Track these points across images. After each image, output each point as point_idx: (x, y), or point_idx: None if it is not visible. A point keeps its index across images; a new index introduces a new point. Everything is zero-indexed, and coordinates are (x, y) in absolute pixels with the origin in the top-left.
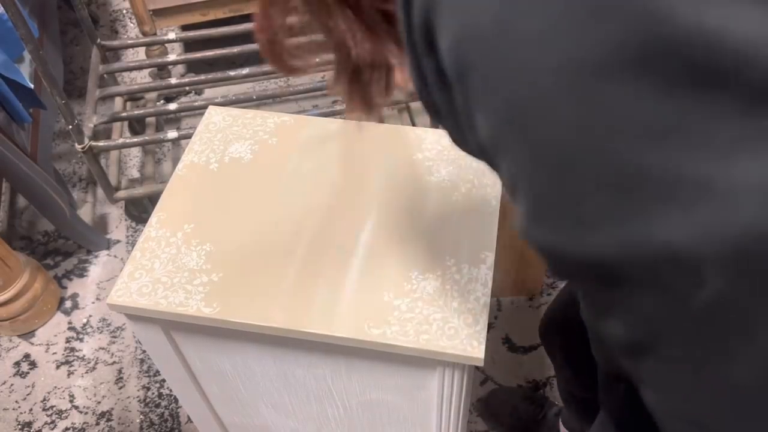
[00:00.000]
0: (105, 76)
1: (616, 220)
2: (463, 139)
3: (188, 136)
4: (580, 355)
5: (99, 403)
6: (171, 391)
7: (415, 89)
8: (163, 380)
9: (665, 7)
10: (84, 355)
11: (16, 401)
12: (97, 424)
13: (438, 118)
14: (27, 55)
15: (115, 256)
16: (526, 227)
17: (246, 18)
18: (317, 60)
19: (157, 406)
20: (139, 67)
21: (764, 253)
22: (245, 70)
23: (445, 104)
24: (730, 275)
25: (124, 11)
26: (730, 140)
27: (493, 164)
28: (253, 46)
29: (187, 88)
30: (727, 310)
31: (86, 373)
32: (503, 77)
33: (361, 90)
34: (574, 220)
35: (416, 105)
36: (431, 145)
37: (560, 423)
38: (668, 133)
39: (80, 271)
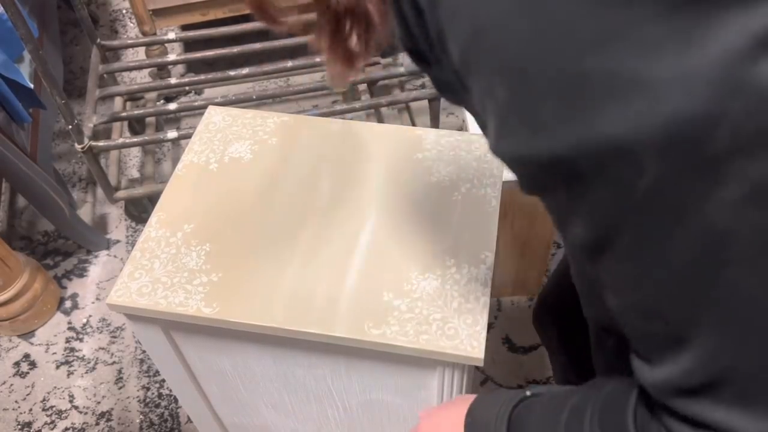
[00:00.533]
0: (105, 76)
1: (567, 120)
2: (442, 76)
3: (188, 136)
4: (574, 337)
5: (99, 403)
6: (171, 391)
7: (398, 35)
8: (163, 380)
9: None
10: (84, 355)
11: (16, 401)
12: (97, 424)
13: (421, 64)
14: (27, 55)
15: (115, 256)
16: (494, 142)
17: (246, 18)
18: (302, 18)
19: (157, 406)
20: (139, 67)
21: (688, 137)
22: (245, 70)
23: (423, 39)
24: (662, 160)
25: (124, 11)
26: (656, 40)
27: (465, 88)
28: (253, 46)
29: (186, 88)
30: (663, 194)
31: (86, 373)
32: (466, 4)
33: (342, 44)
34: (533, 126)
35: (416, 105)
36: (431, 145)
37: None
38: (605, 39)
39: (80, 271)
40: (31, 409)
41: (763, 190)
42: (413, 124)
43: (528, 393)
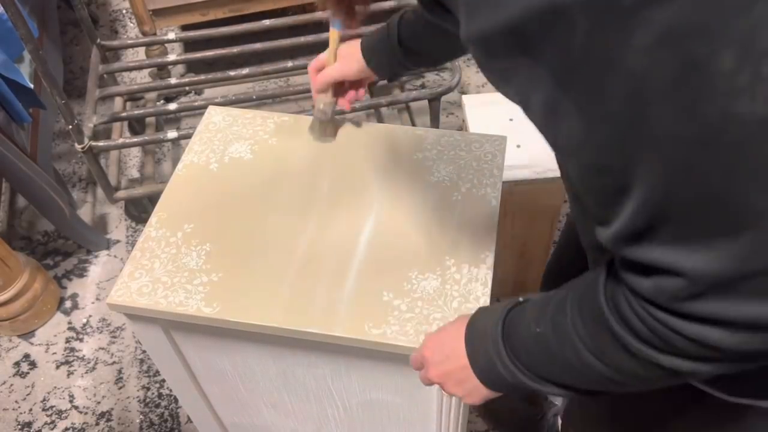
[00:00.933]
0: (105, 76)
1: None
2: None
3: (188, 136)
4: None
5: (99, 403)
6: (171, 391)
7: None
8: (163, 380)
9: None
10: (84, 355)
11: (16, 401)
12: (97, 424)
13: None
14: (27, 55)
15: (115, 256)
16: (465, 28)
17: (246, 18)
18: None
19: (157, 406)
20: (139, 67)
21: None
22: (245, 70)
23: None
24: (587, 15)
25: (124, 11)
26: None
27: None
28: (253, 46)
29: (186, 88)
30: (593, 46)
31: (86, 373)
32: None
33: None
34: (491, 3)
35: (416, 105)
36: (431, 145)
37: (559, 422)
38: None
39: (80, 271)
40: (31, 409)
41: (670, 33)
42: (413, 124)
43: (520, 299)
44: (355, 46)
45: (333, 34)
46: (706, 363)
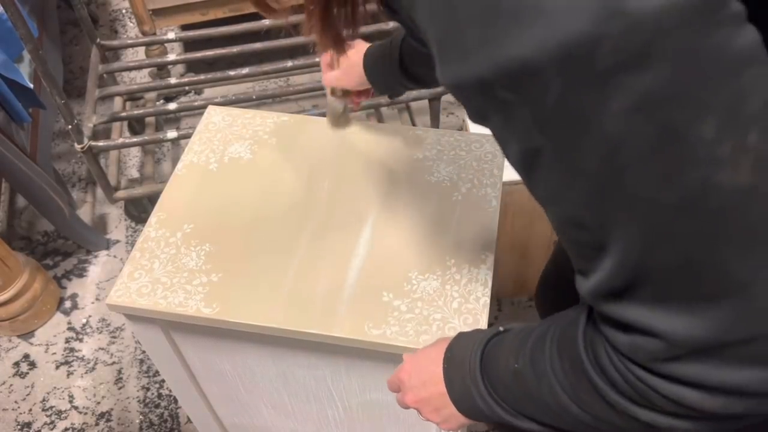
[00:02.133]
0: (104, 75)
1: (485, 45)
2: (404, 20)
3: (188, 136)
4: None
5: (98, 403)
6: (171, 391)
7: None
8: (163, 380)
9: None
10: (83, 356)
11: (16, 401)
12: (97, 424)
13: (392, 15)
14: (26, 55)
15: (115, 256)
16: (440, 72)
17: (246, 18)
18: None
19: (157, 406)
20: (139, 67)
21: (578, 55)
22: (245, 70)
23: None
24: (561, 76)
25: (124, 11)
26: None
27: (417, 26)
28: (253, 46)
29: (186, 87)
30: (567, 107)
31: (86, 373)
32: None
33: (331, 26)
34: (460, 51)
35: (416, 105)
36: (431, 145)
37: None
38: None
39: (80, 272)
40: (30, 410)
41: (647, 99)
42: (413, 124)
43: (501, 329)
44: (359, 55)
45: None
46: (685, 420)
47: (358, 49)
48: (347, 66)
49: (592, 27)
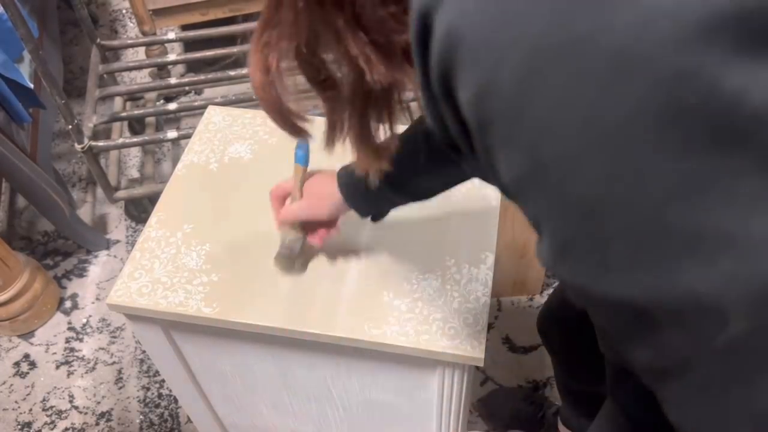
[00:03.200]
0: (105, 75)
1: (641, 266)
2: (484, 177)
3: (188, 136)
4: (578, 348)
5: (99, 403)
6: (171, 391)
7: (433, 129)
8: (163, 380)
9: (688, 69)
10: (84, 356)
11: (16, 401)
12: (97, 424)
13: (459, 157)
14: (27, 55)
15: (115, 256)
16: (551, 261)
17: (246, 18)
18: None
19: (157, 406)
20: (139, 67)
21: None
22: (245, 70)
23: (466, 147)
24: (752, 317)
25: (124, 11)
26: (749, 197)
27: (515, 201)
28: None
29: (186, 87)
30: (750, 347)
31: (86, 373)
32: (525, 135)
33: (368, 134)
34: (599, 262)
35: (416, 105)
36: None
37: (559, 422)
38: (690, 190)
39: (80, 271)
40: (31, 409)
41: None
42: None
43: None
44: (325, 182)
45: (297, 169)
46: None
47: (324, 176)
48: (314, 194)
49: None
